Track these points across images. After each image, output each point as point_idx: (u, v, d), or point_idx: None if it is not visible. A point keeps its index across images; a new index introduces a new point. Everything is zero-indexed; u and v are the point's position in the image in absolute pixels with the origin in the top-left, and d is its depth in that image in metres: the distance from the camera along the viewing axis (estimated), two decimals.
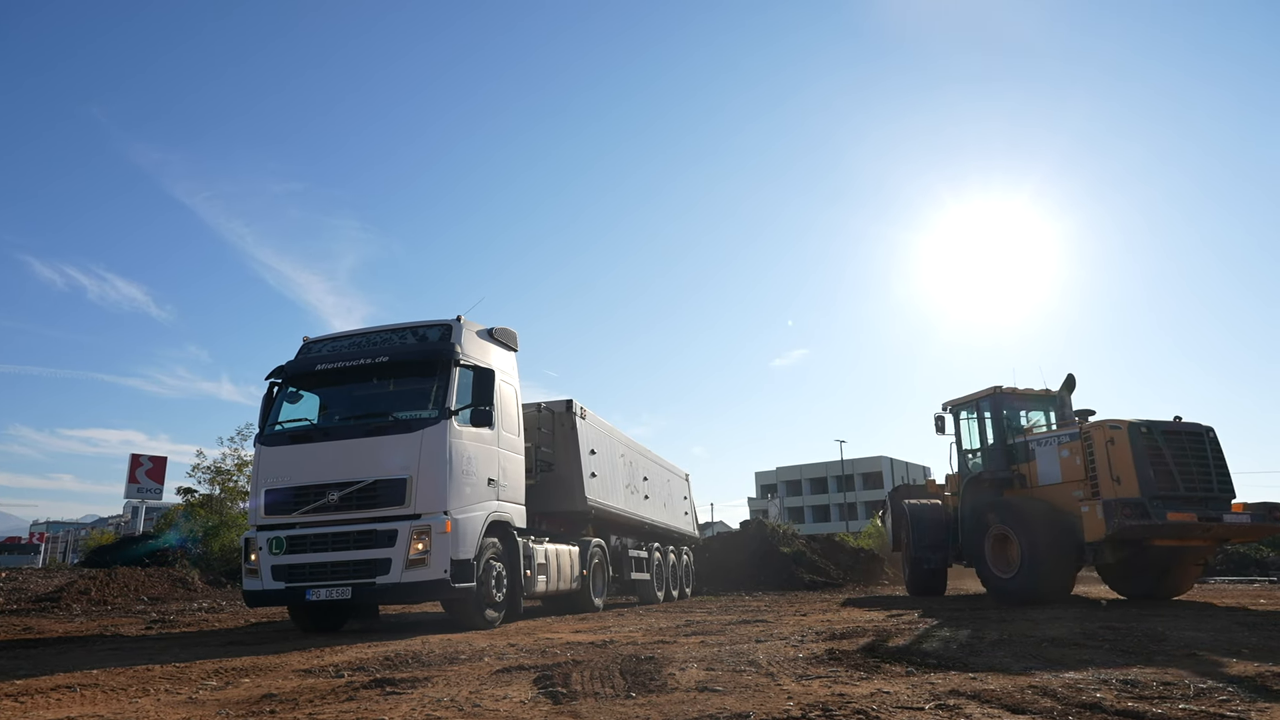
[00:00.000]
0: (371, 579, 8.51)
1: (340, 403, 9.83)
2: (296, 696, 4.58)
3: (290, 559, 8.79)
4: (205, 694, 4.80)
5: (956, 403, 14.71)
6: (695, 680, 4.78)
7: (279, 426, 9.54)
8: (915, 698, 4.07)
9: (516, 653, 6.47)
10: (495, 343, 10.49)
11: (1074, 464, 11.80)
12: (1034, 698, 4.01)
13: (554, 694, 4.44)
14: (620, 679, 4.87)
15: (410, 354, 9.49)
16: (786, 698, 4.15)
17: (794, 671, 5.06)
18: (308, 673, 5.57)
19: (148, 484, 36.48)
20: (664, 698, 4.25)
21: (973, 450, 14.37)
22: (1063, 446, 12.11)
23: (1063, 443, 12.15)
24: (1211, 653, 5.61)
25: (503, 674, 5.24)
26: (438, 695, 4.49)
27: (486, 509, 9.35)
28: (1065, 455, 12.02)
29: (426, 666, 5.73)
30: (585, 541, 12.71)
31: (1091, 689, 4.25)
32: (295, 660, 6.30)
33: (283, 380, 9.84)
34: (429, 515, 8.61)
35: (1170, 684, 4.36)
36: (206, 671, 5.71)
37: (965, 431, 14.62)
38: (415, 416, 9.00)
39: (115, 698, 4.77)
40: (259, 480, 9.29)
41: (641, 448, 16.79)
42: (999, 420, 13.65)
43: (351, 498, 8.76)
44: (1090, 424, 11.71)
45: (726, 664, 5.47)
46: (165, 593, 17.03)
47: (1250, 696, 4.02)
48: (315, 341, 10.24)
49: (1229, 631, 6.93)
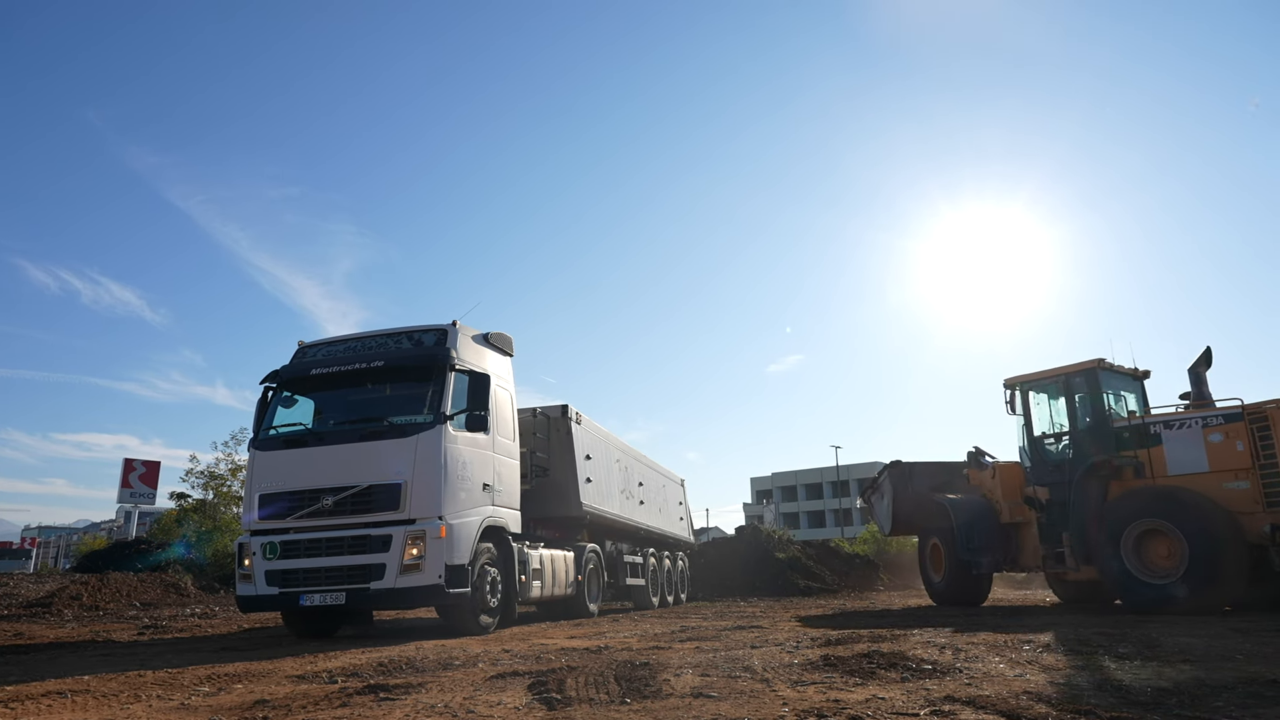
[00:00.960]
0: (366, 584, 8.48)
1: (335, 407, 9.81)
2: (290, 703, 4.55)
3: (284, 564, 8.76)
4: (197, 700, 4.78)
5: (1030, 379, 12.72)
6: (690, 686, 4.77)
7: (273, 431, 9.52)
8: (910, 704, 4.07)
9: (511, 659, 6.45)
10: (491, 347, 10.48)
11: (1230, 450, 10.20)
12: (1028, 704, 4.02)
13: (549, 700, 4.43)
14: (615, 685, 4.85)
15: (406, 359, 9.48)
16: (782, 704, 4.15)
17: (789, 677, 5.06)
18: (301, 679, 5.54)
19: (141, 489, 36.35)
20: (659, 704, 4.24)
21: (1053, 434, 12.47)
22: (1211, 430, 10.42)
23: (1211, 425, 10.45)
24: (1206, 659, 5.62)
25: (497, 680, 5.22)
26: (431, 701, 4.47)
27: (481, 514, 9.33)
28: (1217, 440, 10.36)
29: (420, 672, 5.71)
30: (580, 547, 12.69)
31: (1086, 695, 4.26)
32: (289, 666, 6.27)
33: (277, 385, 9.82)
34: (424, 520, 8.58)
35: (1164, 689, 4.37)
36: (199, 677, 5.68)
37: (1042, 412, 12.70)
38: (410, 421, 8.98)
39: (107, 704, 4.74)
40: (253, 485, 9.26)
41: (637, 453, 16.79)
42: (1098, 400, 11.79)
43: (346, 503, 8.73)
44: (1265, 405, 10.15)
45: (721, 670, 5.46)
46: (158, 598, 16.95)
47: (1244, 702, 4.02)
48: (310, 346, 10.22)
49: (1224, 638, 6.94)
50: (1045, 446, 12.48)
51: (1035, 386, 12.69)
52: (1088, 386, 11.89)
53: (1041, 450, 12.49)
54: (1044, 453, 12.45)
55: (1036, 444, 12.55)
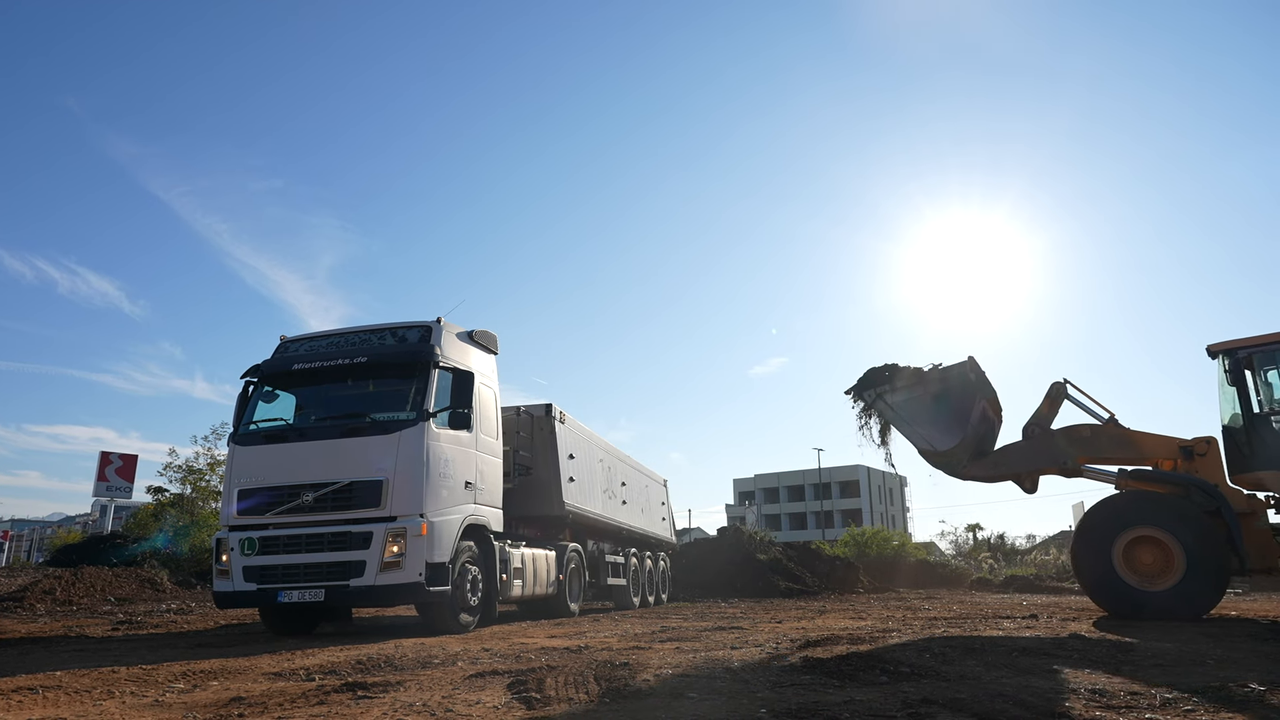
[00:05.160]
0: (345, 581, 8.43)
1: (317, 403, 9.74)
2: (266, 700, 4.52)
3: (262, 560, 8.69)
4: (172, 697, 4.73)
5: (1251, 344, 10.62)
6: (669, 687, 4.78)
7: (254, 426, 9.44)
8: (887, 705, 4.10)
9: (490, 657, 6.43)
10: (475, 345, 10.45)
11: None
12: (1004, 706, 4.06)
13: (528, 699, 4.42)
14: (594, 685, 4.85)
15: (389, 355, 9.43)
16: (760, 705, 4.16)
17: (768, 679, 5.08)
18: (278, 676, 5.50)
19: (117, 482, 35.87)
20: (638, 704, 4.24)
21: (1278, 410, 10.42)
22: None
23: None
24: (1178, 663, 5.70)
25: (476, 679, 5.21)
26: (410, 700, 4.45)
27: (463, 512, 9.30)
28: None
29: (399, 670, 5.68)
30: (562, 546, 12.68)
31: (1060, 698, 4.31)
32: (265, 663, 6.22)
33: (259, 379, 9.74)
34: (404, 518, 8.54)
35: (1137, 693, 4.43)
36: (174, 674, 5.62)
37: (1270, 387, 10.75)
38: (393, 418, 8.94)
39: (79, 700, 4.68)
40: (232, 480, 9.18)
41: (620, 453, 16.80)
42: None
43: (326, 499, 8.68)
44: None
45: (701, 671, 5.48)
46: (133, 593, 16.75)
47: (1214, 706, 4.09)
48: (293, 341, 10.15)
49: (1195, 642, 7.05)
50: (1273, 425, 10.36)
51: (1260, 354, 10.54)
52: None
53: (1266, 430, 10.34)
54: (1270, 434, 10.30)
55: (1259, 422, 10.38)
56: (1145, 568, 10.08)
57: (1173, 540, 9.95)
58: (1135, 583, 10.08)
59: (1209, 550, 9.83)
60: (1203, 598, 9.92)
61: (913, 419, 11.44)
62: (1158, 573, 9.99)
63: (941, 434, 11.20)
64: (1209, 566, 9.82)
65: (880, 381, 11.65)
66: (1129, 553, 10.16)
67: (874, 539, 41.41)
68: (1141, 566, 10.09)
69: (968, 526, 60.31)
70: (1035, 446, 11.38)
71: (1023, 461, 11.39)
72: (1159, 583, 9.95)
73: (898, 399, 11.51)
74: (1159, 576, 9.97)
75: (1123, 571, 10.14)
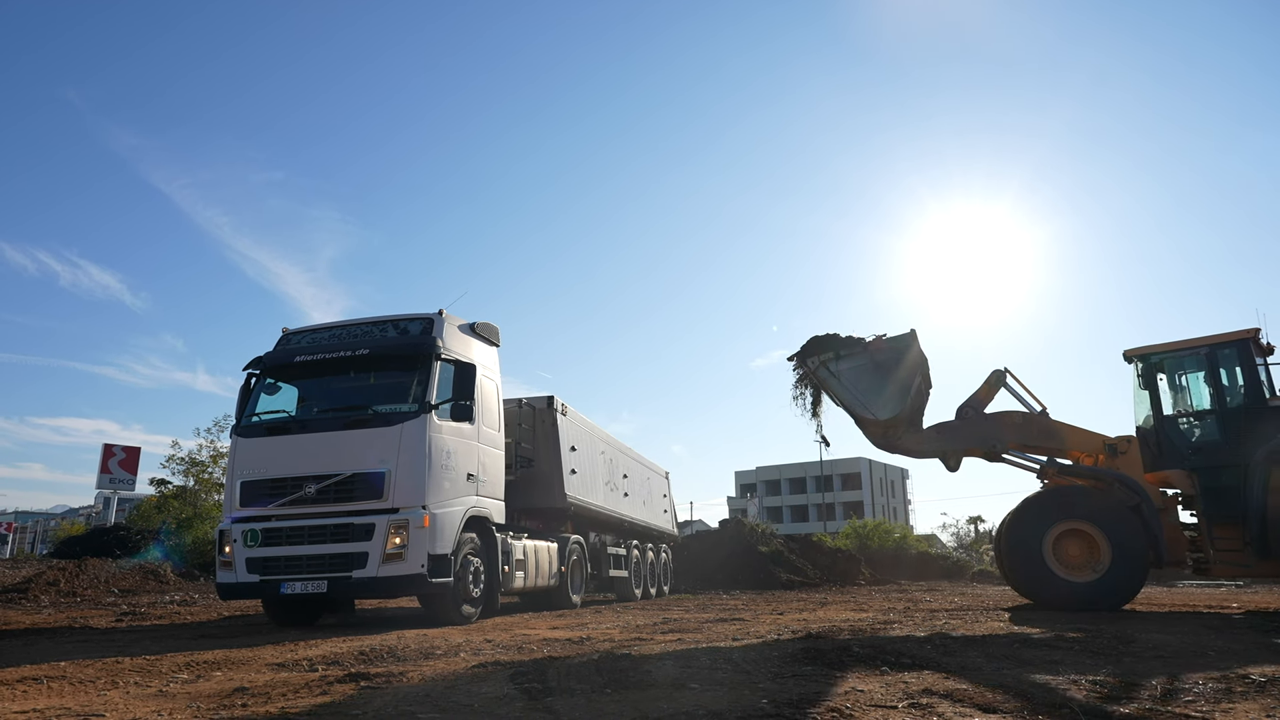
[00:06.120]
0: (348, 573, 8.45)
1: (319, 395, 9.75)
2: (269, 690, 4.53)
3: (265, 552, 8.71)
4: (176, 687, 4.74)
5: (1161, 350, 11.15)
6: (671, 677, 4.78)
7: (256, 418, 9.45)
8: (889, 696, 4.11)
9: (493, 649, 6.45)
10: (477, 337, 10.45)
11: None
12: (1005, 697, 4.06)
13: (529, 690, 4.43)
14: (596, 675, 4.86)
15: (391, 347, 9.43)
16: (762, 695, 4.17)
17: (769, 669, 5.09)
18: (281, 666, 5.52)
19: (120, 475, 35.93)
20: (640, 694, 4.25)
21: (1191, 413, 11.04)
22: None
23: None
24: (1179, 655, 5.70)
25: (478, 670, 5.22)
26: (412, 690, 4.46)
27: (465, 504, 9.31)
28: None
29: (402, 661, 5.70)
30: (564, 538, 12.70)
31: (1062, 689, 4.31)
32: (268, 654, 6.24)
33: (261, 371, 9.75)
34: (407, 509, 8.56)
35: (1138, 684, 4.43)
36: (177, 664, 5.64)
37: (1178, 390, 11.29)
38: (395, 410, 8.94)
39: (83, 690, 4.70)
40: (234, 472, 9.20)
41: (622, 445, 16.81)
42: (1253, 375, 10.57)
43: (328, 491, 8.69)
44: None
45: (703, 661, 5.49)
46: (136, 585, 16.81)
47: (1215, 697, 4.09)
48: (294, 333, 10.15)
49: (1196, 634, 7.05)
50: (1180, 427, 10.96)
51: (1169, 359, 11.13)
52: (1240, 359, 10.62)
53: (1174, 432, 10.89)
54: (1177, 434, 10.88)
55: (1168, 424, 10.94)
56: (1073, 559, 10.54)
57: (1100, 534, 10.43)
58: (1064, 574, 10.52)
59: (1132, 544, 10.33)
60: (1125, 588, 10.44)
61: (856, 386, 11.66)
62: (1084, 564, 10.49)
63: (884, 403, 11.46)
64: (1132, 559, 10.31)
65: (826, 348, 11.83)
66: (1058, 545, 10.61)
67: (875, 531, 41.47)
68: (1069, 558, 10.55)
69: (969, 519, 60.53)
70: (968, 427, 11.80)
71: (954, 440, 11.81)
72: (1085, 574, 10.44)
73: (842, 366, 11.72)
74: (1085, 568, 10.47)
75: (1052, 563, 10.57)
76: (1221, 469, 10.41)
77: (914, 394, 11.47)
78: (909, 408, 11.45)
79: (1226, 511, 10.27)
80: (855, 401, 11.63)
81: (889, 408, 11.42)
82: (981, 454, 11.96)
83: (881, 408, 11.45)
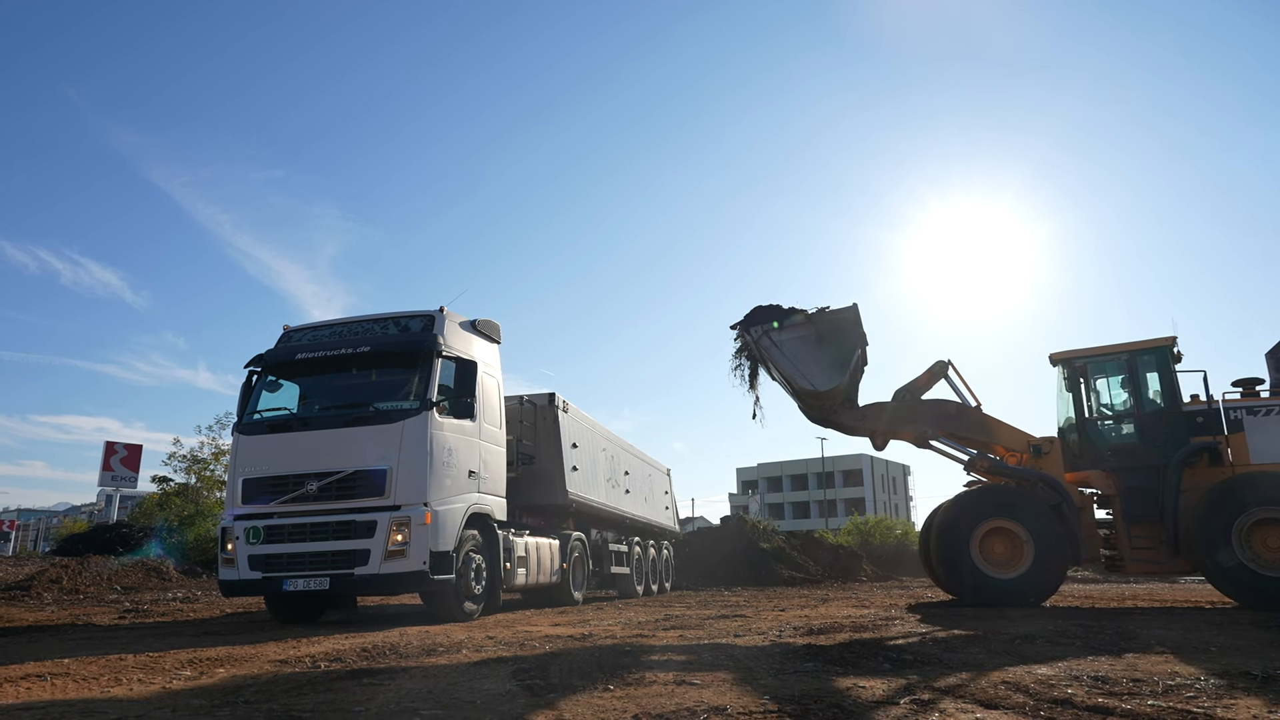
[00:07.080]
0: (350, 570, 8.46)
1: (320, 392, 9.75)
2: (272, 687, 4.54)
3: (267, 549, 8.72)
4: (179, 684, 4.75)
5: (1085, 354, 11.54)
6: (673, 674, 4.79)
7: (258, 415, 9.45)
8: (890, 693, 4.11)
9: (495, 645, 6.46)
10: (478, 334, 10.45)
11: None
12: (1007, 693, 4.07)
13: (531, 686, 4.44)
14: (598, 672, 4.87)
15: (392, 344, 9.43)
16: (764, 692, 4.18)
17: (771, 666, 5.10)
18: (284, 663, 5.53)
19: (122, 472, 36.01)
20: (642, 691, 4.26)
21: (1112, 416, 11.49)
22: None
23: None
24: (1180, 650, 5.70)
25: (480, 666, 5.23)
26: (414, 687, 4.47)
27: (467, 501, 9.32)
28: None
29: (404, 658, 5.71)
30: (565, 535, 12.71)
31: (1063, 685, 4.31)
32: (271, 651, 6.25)
33: (262, 369, 9.75)
34: (408, 506, 8.56)
35: (1140, 680, 4.43)
36: (180, 661, 5.65)
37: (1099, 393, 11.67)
38: (396, 407, 8.94)
39: (87, 687, 4.71)
40: (236, 469, 9.20)
41: (623, 442, 16.81)
42: (1170, 380, 10.91)
43: (330, 488, 8.70)
44: None
45: (704, 658, 5.50)
46: (139, 582, 16.84)
47: (1217, 692, 4.09)
48: (296, 330, 10.15)
49: (1198, 630, 7.05)
50: (1100, 429, 11.40)
51: (1092, 363, 11.54)
52: (1158, 365, 11.00)
53: (1094, 433, 11.32)
54: (1098, 436, 11.31)
55: (1089, 426, 11.34)
56: (997, 557, 10.87)
57: (1024, 531, 10.75)
58: (989, 570, 10.84)
59: (1054, 541, 10.64)
60: (1047, 584, 10.83)
61: (797, 358, 11.84)
62: (1008, 561, 10.81)
63: (823, 375, 11.71)
64: (1053, 556, 10.66)
65: (769, 318, 12.01)
66: (984, 543, 10.93)
67: (877, 528, 41.43)
68: (994, 556, 10.89)
69: None
70: (902, 410, 12.12)
71: (887, 421, 12.12)
72: (1009, 570, 10.77)
73: (784, 336, 11.90)
74: (1009, 564, 10.80)
75: (979, 560, 10.89)
76: (1139, 470, 10.79)
77: (853, 368, 11.69)
78: (846, 382, 11.68)
79: (1143, 511, 10.62)
80: (795, 372, 11.79)
81: (828, 379, 11.67)
82: (911, 439, 12.32)
83: (821, 379, 11.69)
